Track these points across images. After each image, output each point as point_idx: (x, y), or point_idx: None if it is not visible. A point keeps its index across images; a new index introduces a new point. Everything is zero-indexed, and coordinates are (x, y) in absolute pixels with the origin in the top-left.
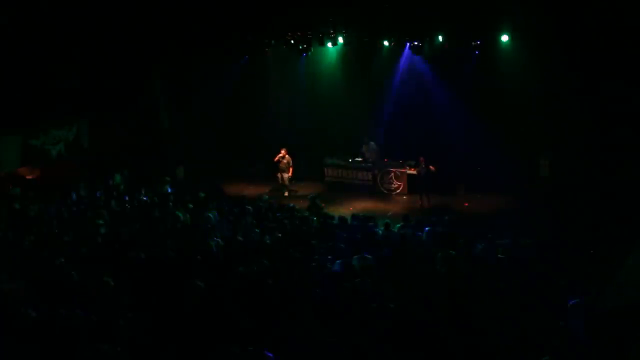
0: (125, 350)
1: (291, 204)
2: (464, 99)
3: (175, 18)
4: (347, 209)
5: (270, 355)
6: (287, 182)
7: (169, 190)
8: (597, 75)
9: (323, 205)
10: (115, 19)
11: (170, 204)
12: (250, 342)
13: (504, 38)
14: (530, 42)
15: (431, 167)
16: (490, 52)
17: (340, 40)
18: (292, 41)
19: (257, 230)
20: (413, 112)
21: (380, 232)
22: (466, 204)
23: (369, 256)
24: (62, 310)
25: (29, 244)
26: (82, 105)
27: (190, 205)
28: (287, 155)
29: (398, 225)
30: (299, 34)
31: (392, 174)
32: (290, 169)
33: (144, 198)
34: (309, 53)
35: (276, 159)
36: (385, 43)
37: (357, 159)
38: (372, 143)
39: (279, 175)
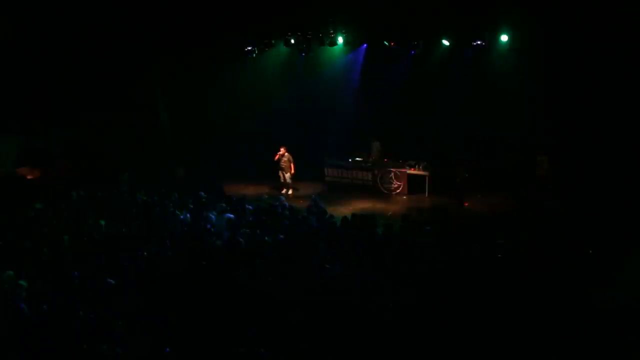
0: (124, 350)
1: (289, 204)
2: (463, 98)
3: (176, 17)
4: (347, 209)
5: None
6: (289, 181)
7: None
8: (597, 74)
9: (323, 205)
10: (115, 18)
11: (171, 204)
12: (249, 342)
13: (504, 38)
14: (530, 41)
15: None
16: (490, 51)
17: (340, 40)
18: (292, 41)
19: (257, 230)
20: (413, 111)
21: (380, 232)
22: (466, 204)
23: (368, 256)
24: (62, 311)
25: (29, 244)
26: (82, 105)
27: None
28: (287, 153)
29: (398, 225)
30: (299, 33)
31: (392, 174)
32: (292, 166)
33: (145, 198)
34: (309, 53)
35: (276, 157)
36: (385, 43)
37: (357, 158)
38: (377, 143)
39: (280, 174)
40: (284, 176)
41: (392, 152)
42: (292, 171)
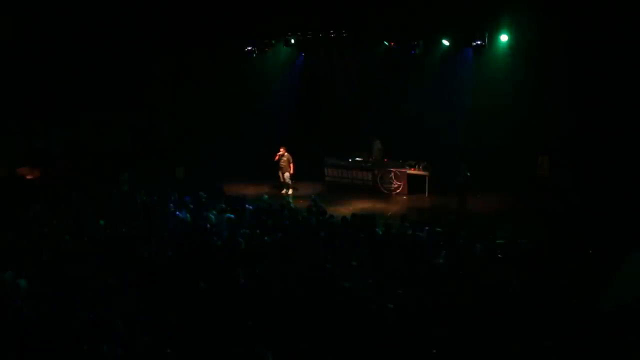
0: (124, 350)
1: (291, 204)
2: (463, 98)
3: (176, 18)
4: (347, 209)
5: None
6: (288, 181)
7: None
8: (599, 74)
9: (322, 205)
10: (115, 18)
11: (171, 204)
12: (250, 342)
13: (504, 38)
14: (530, 41)
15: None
16: (490, 51)
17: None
18: (292, 41)
19: (257, 230)
20: (413, 111)
21: (380, 232)
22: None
23: (368, 256)
24: (62, 310)
25: (29, 244)
26: (83, 105)
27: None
28: (286, 153)
29: (398, 225)
30: (299, 33)
31: (392, 173)
32: (292, 166)
33: (145, 198)
34: (308, 52)
35: (276, 157)
36: (385, 43)
37: (357, 158)
38: (378, 142)
39: (280, 174)
40: (283, 176)
41: (393, 151)
42: (291, 171)
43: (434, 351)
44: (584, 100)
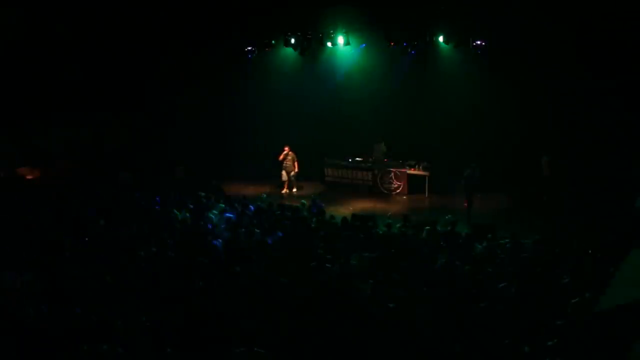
0: (124, 350)
1: (291, 204)
2: (464, 98)
3: (176, 18)
4: (347, 209)
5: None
6: (293, 179)
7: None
8: (598, 75)
9: (323, 205)
10: (117, 18)
11: (171, 204)
12: (249, 342)
13: (503, 38)
14: (531, 40)
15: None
16: (490, 52)
17: (341, 40)
18: (292, 41)
19: (257, 230)
20: (414, 112)
21: (381, 232)
22: (466, 204)
23: (369, 256)
24: (62, 311)
25: (30, 244)
26: (83, 105)
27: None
28: (290, 152)
29: (398, 225)
30: (299, 33)
31: (392, 174)
32: (296, 164)
33: (145, 198)
34: (309, 53)
35: (281, 157)
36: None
37: (357, 158)
38: (382, 144)
39: (283, 173)
40: (287, 175)
41: (395, 152)
42: (296, 169)
43: (434, 350)
44: (587, 101)
